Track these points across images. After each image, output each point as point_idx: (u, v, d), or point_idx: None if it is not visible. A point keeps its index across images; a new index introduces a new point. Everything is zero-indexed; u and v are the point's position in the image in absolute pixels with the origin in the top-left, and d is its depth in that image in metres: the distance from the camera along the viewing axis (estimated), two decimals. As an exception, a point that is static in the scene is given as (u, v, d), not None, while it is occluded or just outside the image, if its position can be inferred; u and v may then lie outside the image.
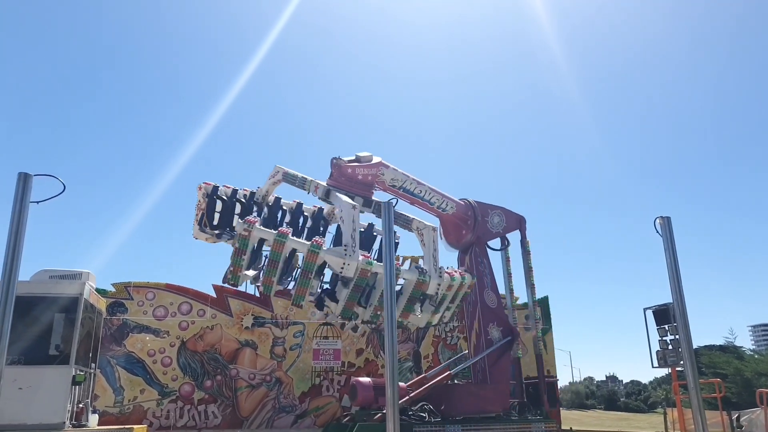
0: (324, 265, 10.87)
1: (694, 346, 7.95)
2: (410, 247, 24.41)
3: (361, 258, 10.90)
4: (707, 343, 40.27)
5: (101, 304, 11.33)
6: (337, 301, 11.22)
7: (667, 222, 7.64)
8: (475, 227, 14.28)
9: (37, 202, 6.37)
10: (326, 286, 11.55)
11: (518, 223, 15.20)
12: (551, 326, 22.45)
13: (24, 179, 6.25)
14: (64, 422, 8.99)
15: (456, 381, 14.07)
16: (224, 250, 13.64)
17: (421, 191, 13.53)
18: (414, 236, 13.57)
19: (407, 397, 12.30)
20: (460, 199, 14.49)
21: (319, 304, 11.61)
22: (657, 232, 7.76)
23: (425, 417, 11.87)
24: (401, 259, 20.98)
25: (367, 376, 18.89)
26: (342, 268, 10.77)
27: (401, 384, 12.68)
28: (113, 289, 18.38)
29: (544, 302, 22.84)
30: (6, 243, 6.11)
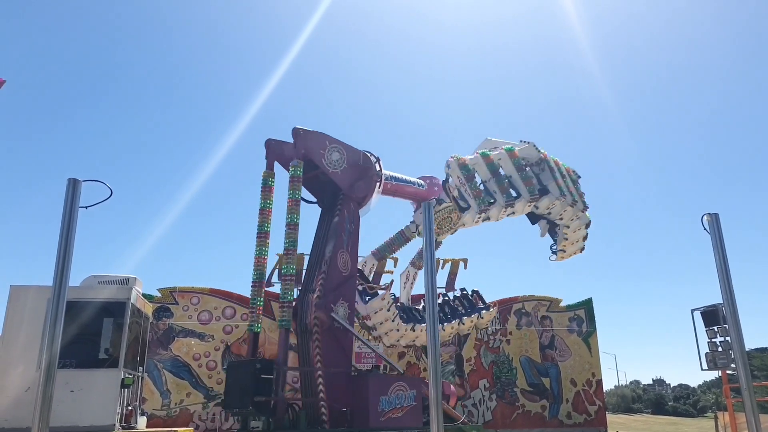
0: None
1: (746, 348, 7.65)
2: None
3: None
4: (760, 345, 38.97)
5: (148, 308, 11.53)
6: None
7: (715, 219, 7.40)
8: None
9: (86, 207, 6.46)
10: None
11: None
12: (596, 328, 22.09)
13: (73, 185, 6.31)
14: (114, 424, 9.15)
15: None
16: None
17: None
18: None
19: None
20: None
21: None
22: (705, 229, 7.51)
23: None
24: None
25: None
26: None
27: None
28: (159, 294, 18.74)
29: (588, 304, 22.50)
30: (57, 248, 6.20)
